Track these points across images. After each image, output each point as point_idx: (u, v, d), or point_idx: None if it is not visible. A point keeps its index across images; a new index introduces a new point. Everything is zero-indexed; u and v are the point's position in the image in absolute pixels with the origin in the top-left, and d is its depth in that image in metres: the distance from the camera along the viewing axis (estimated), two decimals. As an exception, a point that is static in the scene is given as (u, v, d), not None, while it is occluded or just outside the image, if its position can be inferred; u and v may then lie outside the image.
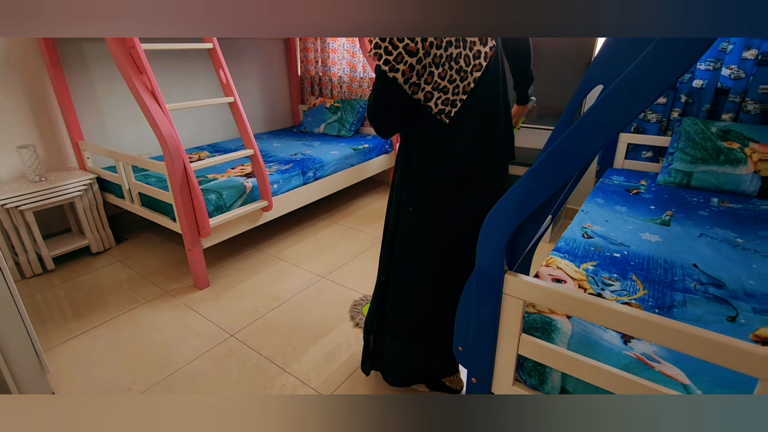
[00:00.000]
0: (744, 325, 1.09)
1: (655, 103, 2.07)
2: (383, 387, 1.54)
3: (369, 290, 2.14)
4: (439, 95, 1.08)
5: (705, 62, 2.16)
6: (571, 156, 0.80)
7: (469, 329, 1.08)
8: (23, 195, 2.17)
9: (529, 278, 0.95)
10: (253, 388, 1.55)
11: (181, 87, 3.13)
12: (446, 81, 1.07)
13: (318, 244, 2.67)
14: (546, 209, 1.00)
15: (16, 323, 1.32)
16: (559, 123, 1.33)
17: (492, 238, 0.94)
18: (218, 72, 2.09)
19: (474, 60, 1.08)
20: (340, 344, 1.76)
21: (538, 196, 0.86)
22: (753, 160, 1.94)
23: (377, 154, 3.40)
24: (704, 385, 0.90)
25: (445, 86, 1.07)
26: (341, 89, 3.78)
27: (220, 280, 2.27)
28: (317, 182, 2.82)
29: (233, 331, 1.85)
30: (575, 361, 0.92)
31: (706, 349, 0.74)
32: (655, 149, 2.41)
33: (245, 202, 2.30)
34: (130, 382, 1.59)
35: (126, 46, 1.81)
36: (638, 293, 1.23)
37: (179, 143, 1.91)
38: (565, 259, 1.42)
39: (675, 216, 1.76)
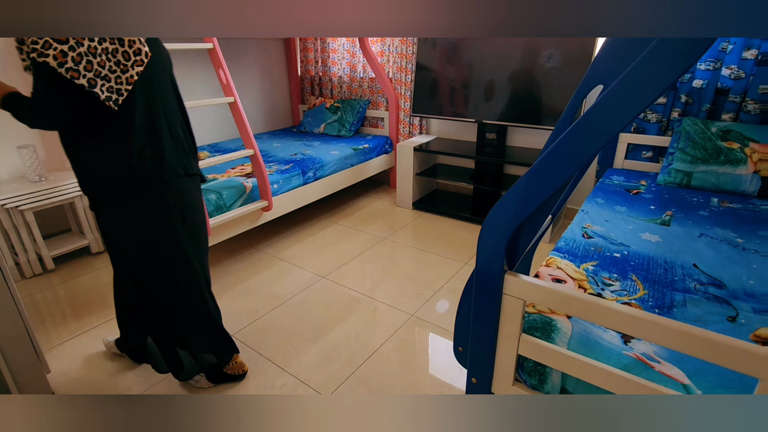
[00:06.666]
0: (744, 325, 1.09)
1: (655, 103, 2.07)
2: (383, 387, 1.54)
3: (369, 290, 2.14)
4: (103, 83, 1.12)
5: (705, 62, 2.16)
6: (571, 156, 0.80)
7: (468, 329, 1.08)
8: (23, 195, 2.17)
9: (529, 278, 0.95)
10: (253, 388, 1.55)
11: (181, 87, 3.12)
12: (107, 70, 1.12)
13: (318, 244, 2.67)
14: (546, 209, 1.00)
15: (16, 323, 1.32)
16: (559, 123, 1.33)
17: (492, 238, 0.94)
18: (218, 72, 2.09)
19: (135, 56, 1.17)
20: (340, 344, 1.76)
21: (538, 196, 0.86)
22: (753, 160, 1.94)
23: (377, 154, 3.40)
24: (704, 385, 0.90)
25: (107, 75, 1.12)
26: (341, 89, 3.78)
27: (220, 280, 2.27)
28: (317, 182, 2.82)
29: (233, 331, 1.85)
30: (575, 361, 0.92)
31: (706, 349, 0.74)
32: (655, 149, 2.41)
33: (245, 202, 2.30)
34: (130, 383, 1.58)
35: (126, 46, 1.80)
36: (638, 293, 1.23)
37: (179, 143, 1.91)
38: (565, 259, 1.42)
39: (675, 216, 1.76)
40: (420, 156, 3.17)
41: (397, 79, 3.38)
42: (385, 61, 3.46)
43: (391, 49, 3.38)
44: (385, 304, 2.03)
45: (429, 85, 3.07)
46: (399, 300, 2.05)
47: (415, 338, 1.79)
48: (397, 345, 1.75)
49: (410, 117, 3.42)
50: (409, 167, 3.13)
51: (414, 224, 2.96)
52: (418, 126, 3.45)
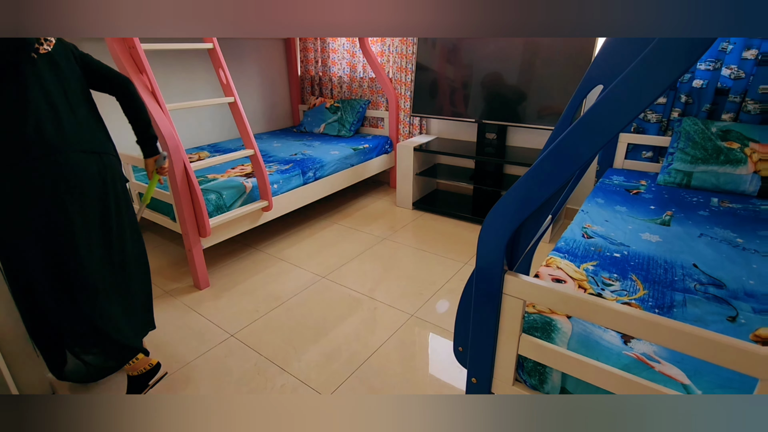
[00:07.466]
0: (744, 325, 1.09)
1: (655, 103, 2.07)
2: (383, 387, 1.54)
3: (369, 290, 2.14)
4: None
5: (705, 62, 2.16)
6: (571, 156, 0.80)
7: (468, 329, 1.08)
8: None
9: (529, 278, 0.95)
10: (253, 388, 1.55)
11: (181, 87, 3.13)
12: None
13: (318, 244, 2.67)
14: (546, 209, 1.00)
15: (16, 323, 1.32)
16: (559, 123, 1.33)
17: (492, 238, 0.94)
18: (218, 72, 2.09)
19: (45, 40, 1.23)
20: (340, 344, 1.76)
21: (538, 196, 0.86)
22: (753, 160, 1.94)
23: (377, 154, 3.40)
24: (704, 385, 0.90)
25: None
26: (341, 89, 3.78)
27: (220, 280, 2.27)
28: (317, 182, 2.82)
29: (233, 331, 1.85)
30: (575, 361, 0.92)
31: (706, 349, 0.74)
32: (655, 149, 2.41)
33: (245, 202, 2.30)
34: (130, 382, 1.59)
35: (126, 46, 1.81)
36: (638, 293, 1.23)
37: (179, 143, 1.91)
38: (565, 259, 1.42)
39: (675, 216, 1.76)
40: (420, 156, 3.17)
41: (397, 79, 3.38)
42: (385, 61, 3.46)
43: (391, 49, 3.38)
44: (385, 304, 2.03)
45: (429, 85, 3.07)
46: (399, 300, 2.05)
47: (415, 338, 1.79)
48: (397, 345, 1.75)
49: (410, 117, 3.42)
50: (409, 167, 3.13)
51: (414, 224, 2.96)
52: (418, 126, 3.45)
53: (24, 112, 1.19)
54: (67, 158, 1.24)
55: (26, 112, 1.19)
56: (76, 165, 1.26)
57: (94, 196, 1.32)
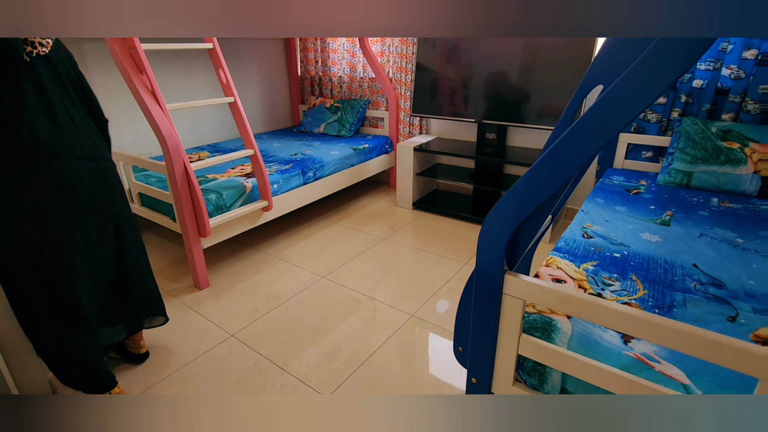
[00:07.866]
0: (744, 325, 1.09)
1: (655, 103, 2.07)
2: (383, 387, 1.54)
3: (369, 290, 2.14)
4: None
5: (705, 62, 2.16)
6: (571, 156, 0.80)
7: (468, 329, 1.08)
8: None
9: (529, 278, 0.95)
10: (253, 388, 1.55)
11: (181, 87, 3.13)
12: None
13: (318, 244, 2.67)
14: (546, 209, 1.00)
15: (16, 323, 1.32)
16: (559, 123, 1.33)
17: (492, 238, 0.94)
18: (218, 72, 2.09)
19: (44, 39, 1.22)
20: (340, 344, 1.76)
21: (538, 196, 0.86)
22: (753, 160, 1.94)
23: (377, 154, 3.40)
24: (704, 385, 0.90)
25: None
26: (341, 89, 3.78)
27: (220, 280, 2.27)
28: (317, 182, 2.82)
29: (233, 331, 1.85)
30: (575, 361, 0.92)
31: (706, 349, 0.74)
32: (655, 149, 2.41)
33: (245, 202, 2.30)
34: (129, 383, 1.59)
35: (126, 46, 1.81)
36: (638, 293, 1.23)
37: (179, 143, 1.91)
38: (565, 259, 1.42)
39: (675, 216, 1.76)
40: (420, 156, 3.17)
41: (397, 79, 3.38)
42: (385, 61, 3.46)
43: (391, 49, 3.38)
44: (385, 304, 2.03)
45: (429, 85, 3.07)
46: (399, 300, 2.05)
47: (415, 338, 1.79)
48: (397, 345, 1.75)
49: (410, 117, 3.42)
50: (409, 167, 3.13)
51: (414, 224, 2.96)
52: (418, 126, 3.45)
53: (20, 116, 1.17)
54: (67, 164, 1.24)
55: (22, 116, 1.17)
56: (71, 170, 1.25)
57: (91, 203, 1.32)
